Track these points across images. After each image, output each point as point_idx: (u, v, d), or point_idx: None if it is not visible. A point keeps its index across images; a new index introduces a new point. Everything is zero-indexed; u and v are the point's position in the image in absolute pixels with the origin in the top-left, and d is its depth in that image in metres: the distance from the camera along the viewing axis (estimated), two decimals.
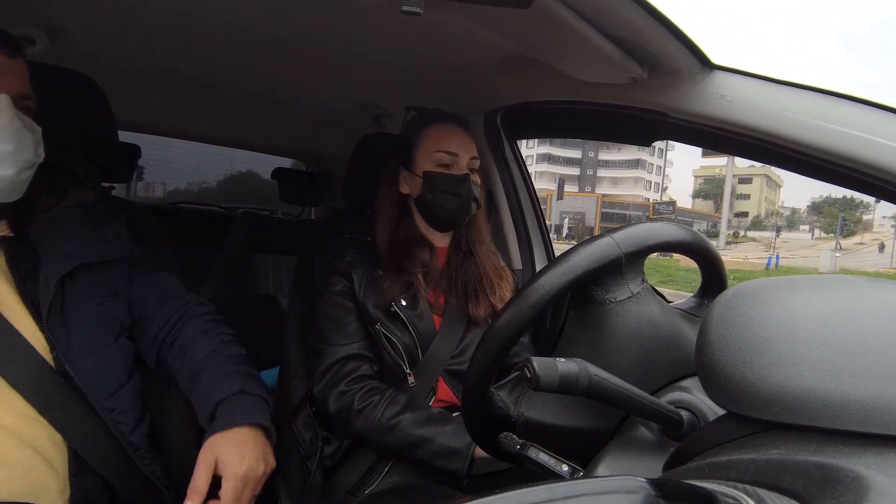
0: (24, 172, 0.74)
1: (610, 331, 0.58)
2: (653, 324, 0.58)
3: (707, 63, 0.78)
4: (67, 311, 0.78)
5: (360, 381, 0.93)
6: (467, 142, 1.01)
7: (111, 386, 0.80)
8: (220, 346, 0.84)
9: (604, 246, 0.56)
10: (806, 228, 67.34)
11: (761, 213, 67.96)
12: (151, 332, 0.87)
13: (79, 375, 0.76)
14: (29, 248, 0.78)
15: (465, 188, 0.98)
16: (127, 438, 0.79)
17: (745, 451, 0.35)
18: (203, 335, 0.85)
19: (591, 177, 60.33)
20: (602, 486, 0.33)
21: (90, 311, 0.80)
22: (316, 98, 1.51)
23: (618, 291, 0.59)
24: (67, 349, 0.76)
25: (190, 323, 0.87)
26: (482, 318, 1.00)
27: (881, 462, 0.28)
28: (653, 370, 0.56)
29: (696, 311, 0.64)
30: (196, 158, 2.82)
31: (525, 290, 0.57)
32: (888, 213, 55.20)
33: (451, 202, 0.98)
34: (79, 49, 1.14)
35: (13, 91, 0.73)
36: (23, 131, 0.73)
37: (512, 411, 0.61)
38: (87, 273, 0.81)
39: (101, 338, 0.81)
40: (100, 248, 0.83)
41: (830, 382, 0.32)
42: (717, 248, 0.66)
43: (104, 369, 0.79)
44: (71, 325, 0.77)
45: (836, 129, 0.67)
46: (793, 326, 0.36)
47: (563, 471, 0.56)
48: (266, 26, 1.04)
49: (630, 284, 0.59)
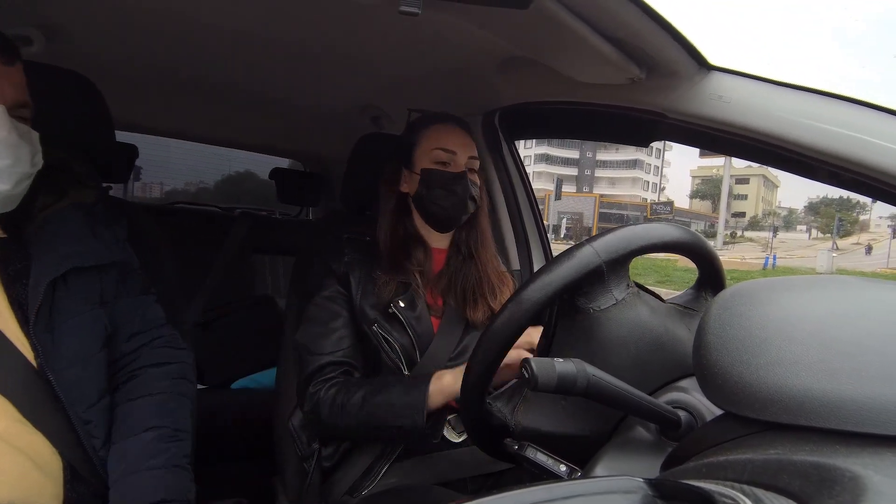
0: (21, 184, 0.73)
1: (596, 339, 0.58)
2: (640, 329, 0.58)
3: (704, 64, 0.79)
4: (56, 316, 0.76)
5: (329, 381, 0.92)
6: (467, 142, 1.01)
7: (91, 397, 0.78)
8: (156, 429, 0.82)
9: (583, 256, 0.56)
10: (803, 229, 67.55)
11: (758, 214, 68.15)
12: (113, 356, 0.85)
13: (60, 383, 0.74)
14: (21, 249, 0.76)
15: (461, 186, 0.98)
16: (97, 453, 0.77)
17: (742, 451, 0.35)
18: (148, 401, 0.83)
19: (588, 177, 60.39)
20: (600, 487, 0.34)
21: (79, 317, 0.78)
22: (314, 98, 1.51)
23: (602, 299, 0.58)
24: (52, 356, 0.74)
25: (142, 376, 0.85)
26: (480, 321, 1.00)
27: (878, 462, 0.28)
28: (643, 375, 0.55)
29: (692, 305, 0.64)
30: (193, 158, 2.82)
31: (507, 305, 0.58)
32: (885, 214, 55.39)
33: (447, 199, 0.98)
34: (76, 49, 1.14)
35: (9, 101, 0.71)
36: (20, 144, 0.71)
37: (510, 421, 0.61)
38: (79, 277, 0.79)
39: (88, 346, 0.79)
40: (96, 252, 0.81)
41: (827, 383, 0.32)
42: (714, 247, 0.66)
43: (86, 379, 0.77)
44: (58, 330, 0.75)
45: (832, 129, 0.67)
46: (790, 327, 0.36)
47: (561, 471, 0.56)
48: (264, 27, 1.04)
49: (614, 291, 0.59)
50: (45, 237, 0.78)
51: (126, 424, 0.81)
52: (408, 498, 0.90)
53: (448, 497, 0.89)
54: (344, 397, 0.89)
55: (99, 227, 0.84)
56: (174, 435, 0.83)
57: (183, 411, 0.87)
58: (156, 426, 0.82)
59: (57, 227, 0.79)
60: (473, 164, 1.01)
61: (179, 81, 1.43)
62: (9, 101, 0.71)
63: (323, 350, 0.94)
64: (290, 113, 1.66)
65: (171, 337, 0.92)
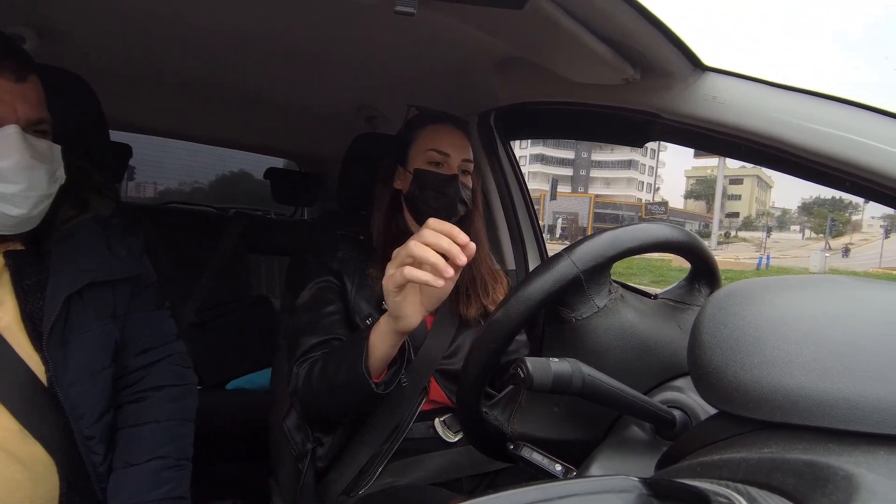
0: (39, 205, 0.70)
1: (580, 349, 0.59)
2: (625, 335, 0.58)
3: (699, 65, 0.79)
4: (69, 330, 0.75)
5: (309, 358, 0.90)
6: (462, 143, 1.01)
7: (95, 413, 0.77)
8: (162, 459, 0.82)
9: (561, 268, 0.56)
10: (797, 229, 67.96)
11: (752, 214, 68.54)
12: (121, 371, 0.85)
13: (67, 398, 0.73)
14: (39, 262, 0.75)
15: (452, 188, 0.98)
16: (97, 469, 0.77)
17: (736, 450, 0.35)
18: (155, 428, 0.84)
19: (584, 177, 60.54)
20: (595, 486, 0.34)
21: (91, 331, 0.77)
22: (309, 98, 1.50)
23: (583, 308, 0.59)
24: (62, 370, 0.73)
25: (150, 400, 0.85)
26: (473, 318, 1.00)
27: (871, 460, 0.29)
28: (630, 382, 0.55)
29: (685, 299, 0.64)
30: (188, 158, 2.80)
31: (489, 320, 0.59)
32: (877, 214, 55.78)
33: (438, 200, 0.98)
34: (69, 47, 1.13)
35: (22, 119, 0.67)
36: (35, 165, 0.68)
37: (506, 428, 0.61)
38: (94, 291, 0.78)
39: (98, 360, 0.78)
40: (113, 266, 0.80)
41: (820, 382, 0.33)
42: (707, 247, 0.67)
43: (94, 394, 0.77)
44: (70, 344, 0.74)
45: (825, 130, 0.68)
46: (784, 326, 0.36)
47: (556, 471, 0.57)
48: (260, 26, 1.03)
49: (595, 299, 0.59)
50: (65, 251, 0.76)
51: (131, 451, 0.81)
52: (403, 498, 0.90)
53: (444, 497, 0.89)
54: (313, 368, 0.87)
55: (114, 240, 0.82)
56: (178, 464, 0.83)
57: (188, 438, 0.87)
58: (162, 455, 0.82)
59: (77, 240, 0.78)
60: (467, 167, 1.01)
61: (173, 81, 1.42)
62: (21, 119, 0.67)
63: (313, 333, 0.93)
64: (285, 113, 1.66)
65: (181, 356, 0.92)
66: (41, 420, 0.71)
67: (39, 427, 0.71)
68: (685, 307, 0.63)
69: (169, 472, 0.82)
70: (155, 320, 0.90)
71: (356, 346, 0.79)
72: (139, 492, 0.78)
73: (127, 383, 0.86)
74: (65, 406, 0.73)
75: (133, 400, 0.85)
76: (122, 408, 0.84)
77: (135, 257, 0.86)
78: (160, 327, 0.90)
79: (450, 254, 0.66)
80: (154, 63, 1.29)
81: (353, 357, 0.79)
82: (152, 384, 0.87)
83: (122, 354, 0.84)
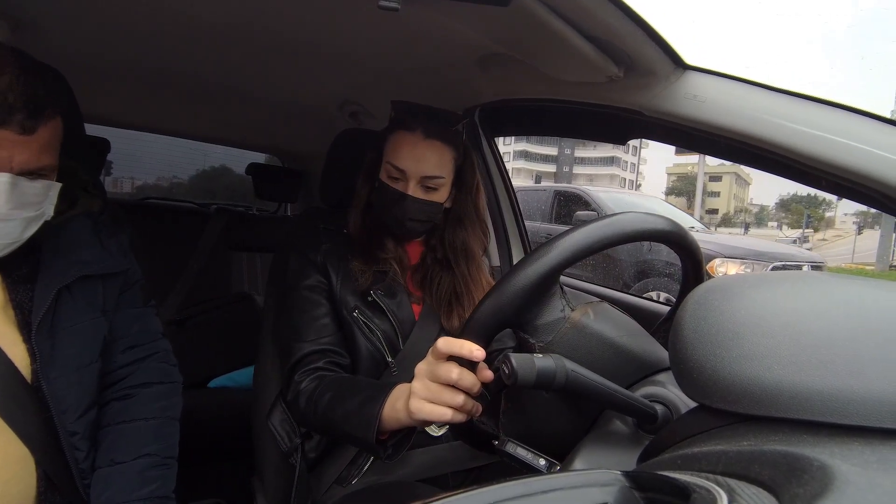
0: (9, 248, 0.69)
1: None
2: (588, 351, 0.57)
3: (680, 63, 0.80)
4: (57, 323, 0.74)
5: (314, 371, 0.91)
6: (427, 155, 0.94)
7: (80, 408, 0.76)
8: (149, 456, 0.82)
9: (493, 306, 0.57)
10: (774, 225, 69.27)
11: (731, 210, 69.69)
12: (107, 367, 0.84)
13: (52, 391, 0.72)
14: (30, 254, 0.74)
15: (400, 209, 0.94)
16: (79, 466, 0.76)
17: (716, 443, 0.35)
18: (143, 426, 0.83)
19: (567, 174, 60.89)
20: (578, 480, 0.34)
21: (79, 325, 0.76)
22: (292, 92, 1.48)
23: (541, 333, 0.58)
24: (49, 363, 0.72)
25: (137, 397, 0.85)
26: (454, 328, 0.98)
27: (846, 451, 0.29)
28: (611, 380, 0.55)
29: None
30: (167, 152, 2.74)
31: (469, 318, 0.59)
32: (850, 211, 57.18)
33: (389, 215, 0.96)
34: (43, 39, 1.10)
35: (18, 167, 0.65)
36: (12, 217, 0.66)
37: (494, 431, 0.62)
38: (84, 285, 0.78)
39: (86, 354, 0.77)
40: (104, 261, 0.81)
41: (797, 376, 0.33)
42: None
43: (79, 389, 0.76)
44: (58, 337, 0.74)
45: (802, 129, 0.69)
46: (762, 321, 0.37)
47: (540, 465, 0.57)
48: (242, 19, 1.01)
49: (549, 320, 0.58)
50: (55, 244, 0.76)
51: (117, 449, 0.80)
52: (389, 494, 0.90)
53: (429, 492, 0.90)
54: (318, 394, 0.86)
55: (105, 235, 0.83)
56: (164, 463, 0.83)
57: (175, 437, 0.87)
58: (149, 454, 0.82)
59: (69, 234, 0.78)
60: (431, 183, 0.94)
61: (151, 73, 1.39)
62: (16, 168, 0.65)
63: (307, 337, 0.93)
64: (267, 107, 1.63)
65: (167, 353, 0.92)
66: (21, 413, 0.70)
67: (19, 420, 0.70)
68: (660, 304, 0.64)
69: (155, 470, 0.81)
70: (142, 317, 0.89)
71: (366, 409, 0.75)
72: (125, 490, 0.77)
73: (113, 380, 0.85)
74: (49, 399, 0.72)
75: (120, 397, 0.84)
76: (109, 404, 0.84)
77: (124, 253, 0.86)
78: (147, 324, 0.90)
79: (461, 386, 0.62)
80: (131, 55, 1.26)
81: (364, 419, 0.75)
82: (139, 381, 0.86)
83: (110, 350, 0.84)
